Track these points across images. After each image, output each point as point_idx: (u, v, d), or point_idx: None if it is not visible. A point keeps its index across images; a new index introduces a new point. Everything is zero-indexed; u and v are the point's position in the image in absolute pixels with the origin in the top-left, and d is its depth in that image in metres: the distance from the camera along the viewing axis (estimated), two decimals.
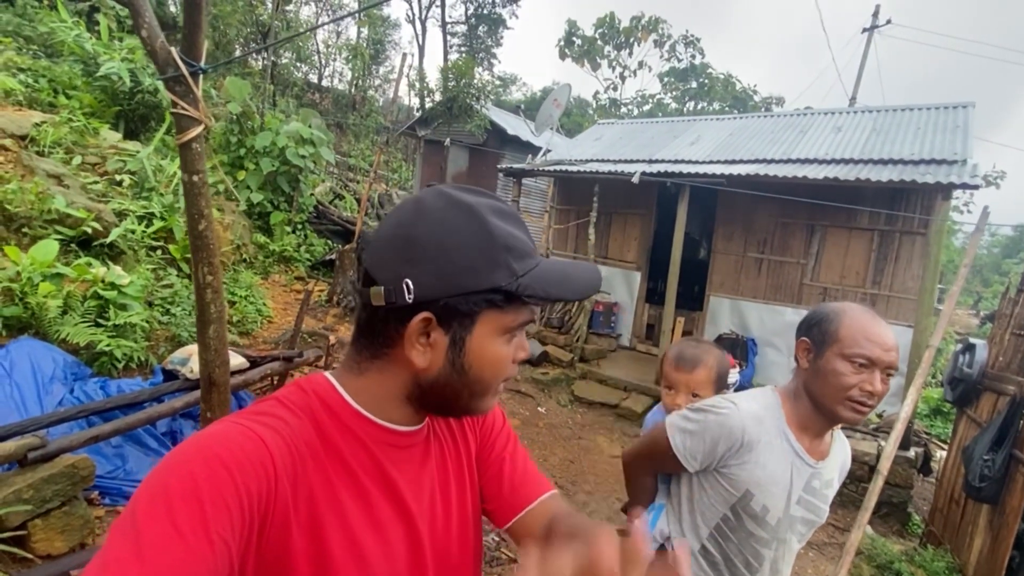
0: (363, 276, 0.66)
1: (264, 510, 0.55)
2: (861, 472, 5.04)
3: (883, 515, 4.92)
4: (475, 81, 11.65)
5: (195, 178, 1.69)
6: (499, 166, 8.27)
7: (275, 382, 4.52)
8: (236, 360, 3.94)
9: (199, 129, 1.65)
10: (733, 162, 6.73)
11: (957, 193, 5.52)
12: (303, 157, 7.74)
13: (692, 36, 19.37)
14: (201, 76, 1.62)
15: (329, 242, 8.83)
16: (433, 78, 14.44)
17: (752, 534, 1.27)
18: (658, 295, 7.73)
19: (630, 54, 19.12)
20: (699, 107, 21.47)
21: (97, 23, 8.12)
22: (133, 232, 4.86)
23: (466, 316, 0.64)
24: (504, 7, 23.60)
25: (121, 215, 5.02)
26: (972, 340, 4.00)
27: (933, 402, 8.34)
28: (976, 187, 4.91)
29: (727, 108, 20.19)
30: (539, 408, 5.97)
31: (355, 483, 0.65)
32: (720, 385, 1.57)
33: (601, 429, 5.73)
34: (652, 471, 1.44)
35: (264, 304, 6.00)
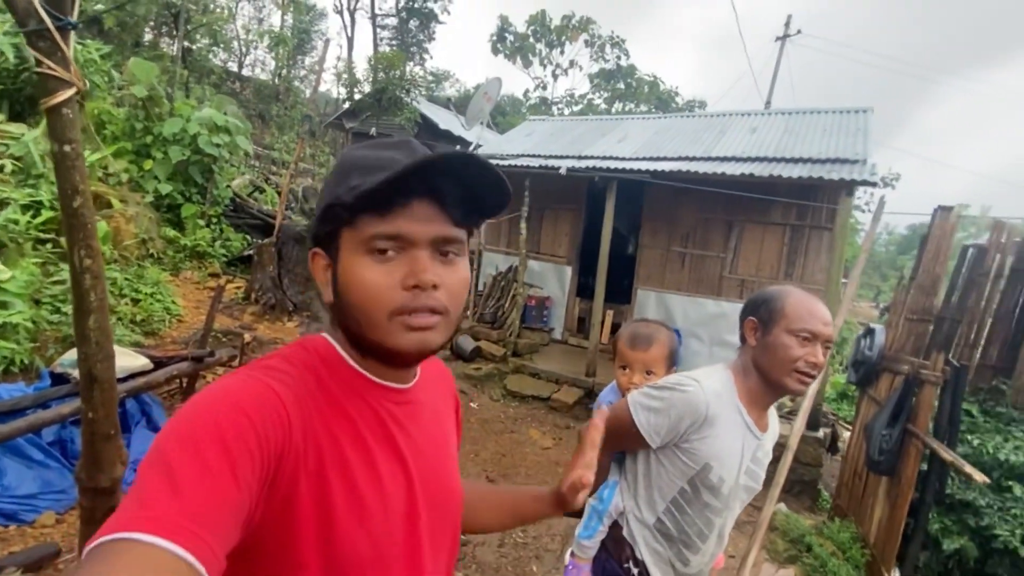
0: None
1: (279, 457, 0.57)
2: (777, 454, 5.31)
3: (796, 493, 5.22)
4: (405, 74, 11.39)
5: (67, 148, 1.51)
6: None
7: (184, 384, 4.21)
8: (138, 361, 3.63)
9: (70, 92, 1.47)
10: (658, 159, 6.93)
11: (859, 193, 5.95)
12: (218, 146, 7.28)
13: (618, 37, 19.90)
14: (72, 33, 1.45)
15: (248, 237, 8.35)
16: (361, 69, 14.02)
17: (707, 504, 1.34)
18: (589, 289, 7.84)
19: (561, 53, 19.42)
20: (626, 108, 22.08)
21: None
22: (16, 223, 4.38)
23: (331, 241, 0.67)
24: (436, 1, 23.31)
25: (1, 204, 4.51)
26: (872, 325, 4.30)
27: (839, 387, 8.97)
28: (874, 184, 5.30)
29: (652, 109, 20.89)
30: (471, 404, 5.91)
31: (357, 437, 0.66)
32: (672, 362, 1.62)
33: (533, 422, 5.75)
34: (610, 449, 1.48)
35: (173, 302, 5.58)
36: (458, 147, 8.92)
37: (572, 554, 1.59)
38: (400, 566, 0.69)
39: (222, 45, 17.28)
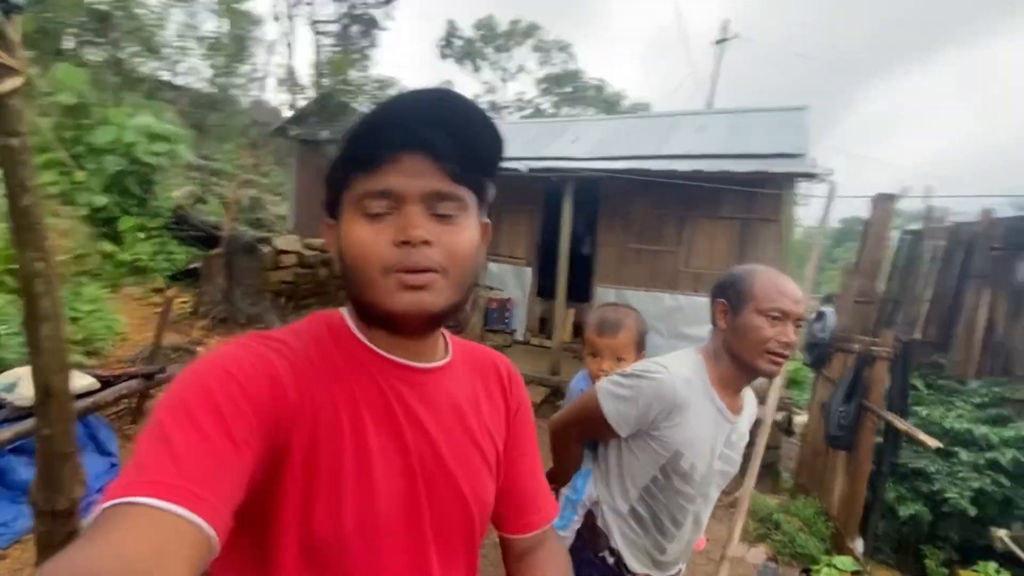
0: None
1: (275, 418, 0.57)
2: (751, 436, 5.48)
3: (758, 475, 5.39)
4: (351, 78, 11.19)
5: (14, 142, 1.40)
6: None
7: (134, 404, 3.97)
8: (84, 381, 3.40)
9: (17, 81, 1.37)
10: (611, 158, 7.07)
11: (799, 189, 6.25)
12: (156, 155, 6.93)
13: (564, 42, 20.36)
14: (18, 17, 1.35)
15: (192, 250, 7.98)
16: (305, 75, 13.67)
17: (680, 491, 1.32)
18: (549, 289, 7.90)
19: (510, 57, 19.61)
20: (574, 111, 22.49)
21: None
22: None
23: (335, 209, 0.67)
24: (378, 7, 23.03)
25: None
26: (823, 309, 4.51)
27: (788, 373, 9.38)
28: (815, 176, 5.58)
29: (599, 112, 21.39)
30: None
31: (355, 411, 0.64)
32: (641, 347, 1.61)
33: None
34: (581, 438, 1.47)
35: (114, 320, 5.26)
36: None
37: None
38: (399, 566, 0.65)
39: (154, 52, 16.52)
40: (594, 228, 7.71)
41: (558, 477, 1.52)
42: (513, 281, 7.99)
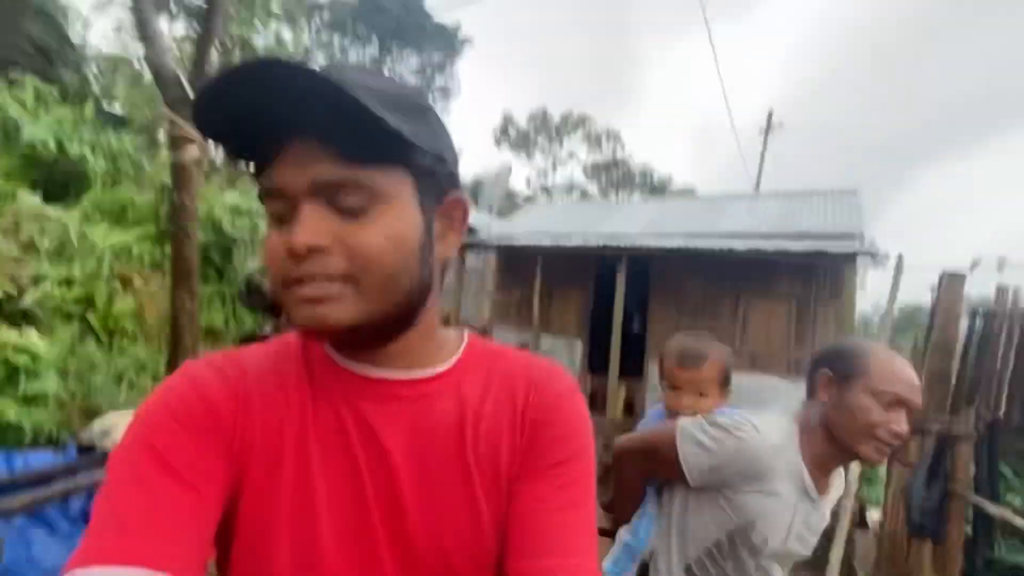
0: None
1: (224, 441, 0.54)
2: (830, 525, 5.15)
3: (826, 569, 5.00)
4: None
5: (187, 200, 1.66)
6: None
7: None
8: None
9: (196, 151, 1.64)
10: (664, 236, 7.26)
11: (858, 270, 6.22)
12: (239, 229, 7.56)
13: (613, 130, 21.52)
14: None
15: (260, 316, 8.44)
16: None
17: (744, 562, 1.21)
18: (599, 364, 7.89)
19: (560, 145, 20.83)
20: (619, 195, 23.29)
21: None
22: (51, 297, 4.47)
23: None
24: (438, 103, 25.02)
25: (38, 279, 4.63)
26: None
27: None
28: (876, 254, 5.57)
29: (645, 196, 22.11)
30: None
31: (301, 436, 0.57)
32: (726, 383, 1.47)
33: None
34: (645, 472, 1.36)
35: None
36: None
37: None
38: None
39: None
40: (646, 304, 7.78)
41: (616, 508, 1.44)
42: (564, 355, 8.03)
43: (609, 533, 1.53)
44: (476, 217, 9.40)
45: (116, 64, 13.71)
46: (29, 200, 5.82)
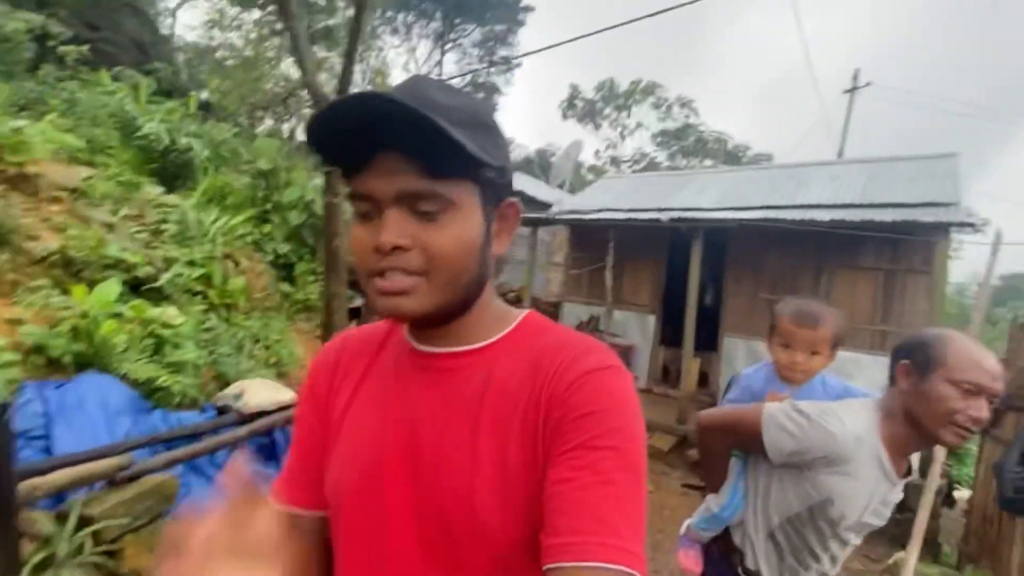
0: None
1: (327, 389, 0.78)
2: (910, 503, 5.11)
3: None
4: None
5: (335, 200, 1.94)
6: None
7: None
8: (286, 395, 4.08)
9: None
10: (741, 208, 7.12)
11: (951, 240, 5.89)
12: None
13: (685, 97, 20.77)
14: None
15: (349, 291, 9.04)
16: None
17: (821, 532, 1.33)
18: (672, 338, 7.93)
19: (628, 115, 20.37)
20: (690, 164, 22.52)
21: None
22: (181, 276, 5.07)
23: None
24: (500, 75, 24.93)
25: (168, 261, 5.24)
26: None
27: None
28: (972, 225, 5.28)
29: (719, 164, 21.27)
30: None
31: (363, 382, 0.75)
32: (837, 345, 1.54)
33: None
34: (730, 443, 1.49)
35: (294, 348, 6.14)
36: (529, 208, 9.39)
37: (687, 529, 1.61)
38: (360, 534, 0.69)
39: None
40: (721, 277, 7.71)
41: (704, 476, 1.59)
42: (636, 328, 8.13)
43: (699, 489, 1.72)
44: (548, 192, 9.52)
45: (203, 54, 14.60)
46: (151, 189, 6.50)
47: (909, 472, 1.35)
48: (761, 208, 7.04)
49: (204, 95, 12.58)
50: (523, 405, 0.64)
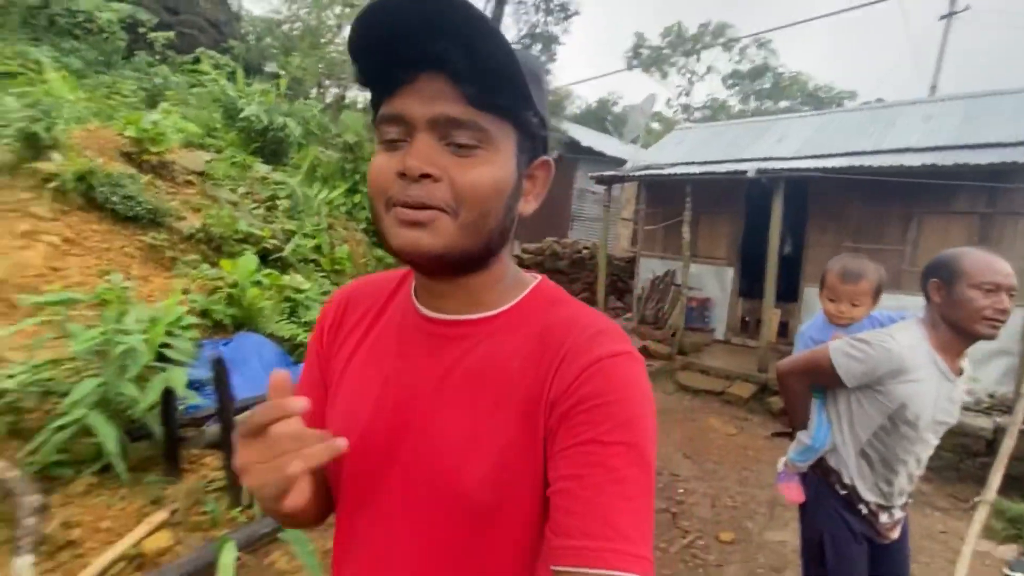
0: None
1: (333, 330, 0.78)
2: (977, 447, 5.17)
3: (1006, 487, 5.03)
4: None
5: None
6: (591, 174, 8.82)
7: None
8: None
9: None
10: (824, 156, 6.99)
11: None
12: None
13: (762, 37, 19.56)
14: None
15: None
16: None
17: (905, 436, 1.59)
18: (750, 289, 8.00)
19: (698, 60, 19.50)
20: (764, 106, 21.39)
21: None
22: (301, 247, 5.70)
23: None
24: (557, 24, 24.27)
25: (287, 233, 5.89)
26: None
27: None
28: None
29: (797, 106, 20.10)
30: None
31: (366, 335, 0.73)
32: (878, 295, 1.81)
33: (711, 413, 6.09)
34: (808, 383, 1.77)
35: None
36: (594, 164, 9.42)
37: (784, 465, 1.87)
38: (352, 488, 0.70)
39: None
40: (802, 227, 7.63)
41: (790, 416, 1.86)
42: (713, 281, 8.22)
43: (787, 435, 2.02)
44: (618, 147, 9.56)
45: (269, 27, 15.19)
46: (259, 168, 7.17)
47: (962, 372, 1.60)
48: (845, 155, 6.88)
49: (272, 68, 13.12)
50: (527, 383, 0.61)
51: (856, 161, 6.37)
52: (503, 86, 0.55)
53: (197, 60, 9.98)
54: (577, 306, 0.67)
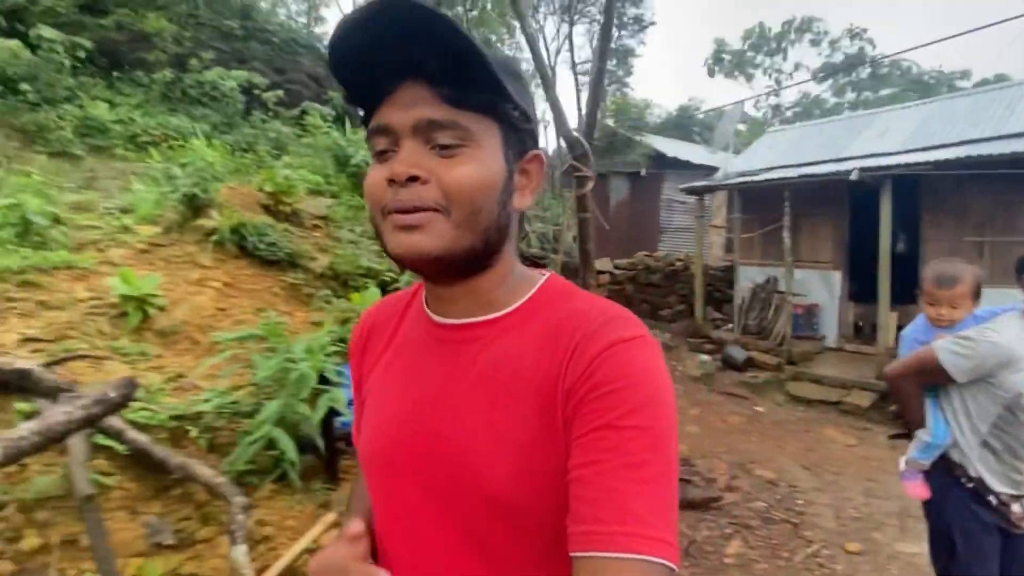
0: None
1: (360, 353, 0.81)
2: None
3: None
4: (632, 114, 12.39)
5: (586, 216, 2.57)
6: (681, 186, 8.84)
7: None
8: None
9: (590, 184, 2.54)
10: (934, 148, 6.60)
11: None
12: None
13: (857, 28, 18.41)
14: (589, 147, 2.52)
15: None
16: (575, 117, 15.67)
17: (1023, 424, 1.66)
18: (862, 293, 7.62)
19: (784, 58, 18.77)
20: (863, 97, 20.07)
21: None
22: (410, 277, 6.25)
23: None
24: (632, 36, 24.25)
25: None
26: None
27: None
28: None
29: (901, 94, 18.66)
30: (756, 408, 6.28)
31: (387, 350, 0.76)
32: (976, 297, 1.88)
33: (827, 424, 5.88)
34: (919, 383, 1.86)
35: None
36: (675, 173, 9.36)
37: (906, 463, 1.93)
38: (380, 500, 0.72)
39: None
40: (915, 223, 7.20)
41: (906, 417, 1.94)
42: (819, 286, 7.91)
43: (905, 436, 2.08)
44: (707, 155, 9.49)
45: None
46: None
47: None
48: (960, 144, 6.46)
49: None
50: (540, 378, 0.61)
51: (973, 150, 5.99)
52: (477, 83, 0.57)
53: (303, 113, 11.11)
54: (587, 297, 0.67)
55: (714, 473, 4.35)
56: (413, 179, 0.57)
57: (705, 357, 7.63)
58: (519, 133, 0.64)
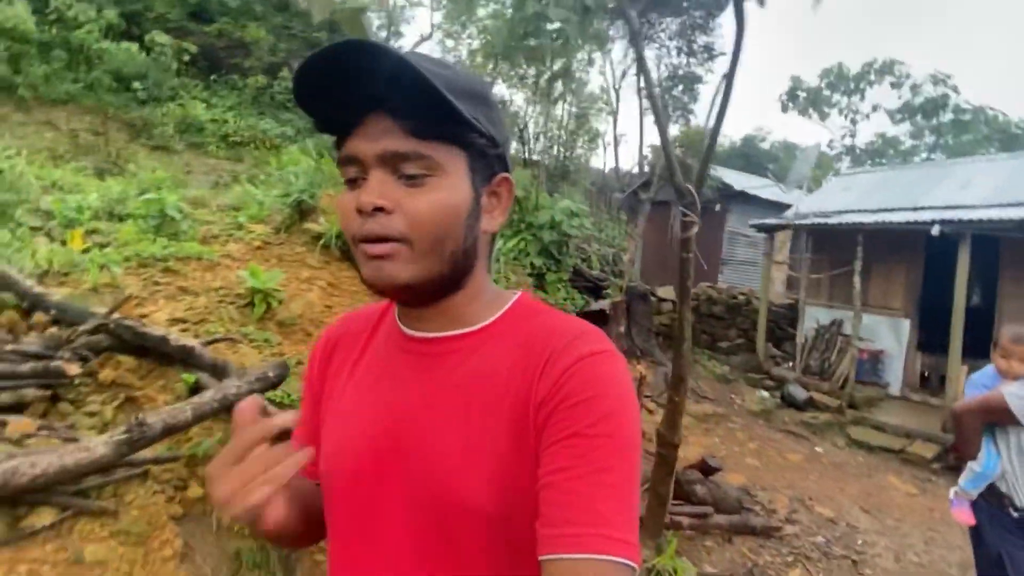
0: None
1: (320, 374, 0.80)
2: None
3: None
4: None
5: (689, 256, 2.86)
6: (751, 222, 8.96)
7: None
8: None
9: (695, 228, 2.84)
10: (1020, 204, 6.54)
11: None
12: (574, 228, 9.37)
13: (941, 74, 17.90)
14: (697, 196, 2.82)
15: (583, 295, 10.28)
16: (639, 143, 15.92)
17: None
18: (932, 344, 7.53)
19: (862, 99, 18.45)
20: (940, 142, 19.43)
21: None
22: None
23: None
24: (701, 64, 24.19)
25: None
26: None
27: None
28: None
29: (983, 140, 17.95)
30: (816, 448, 6.33)
31: (357, 365, 0.75)
32: None
33: (888, 471, 5.89)
34: (982, 421, 2.12)
35: None
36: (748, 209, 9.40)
37: (955, 493, 2.21)
38: (347, 515, 0.70)
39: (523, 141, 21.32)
40: (993, 276, 7.10)
41: (960, 450, 2.23)
42: (887, 333, 7.85)
43: (954, 468, 2.40)
44: (775, 191, 9.57)
45: None
46: None
47: None
48: None
49: None
50: (514, 391, 0.63)
51: None
52: (439, 116, 0.58)
53: None
54: (558, 315, 0.70)
55: (774, 505, 4.50)
56: (379, 209, 0.59)
57: (764, 393, 7.69)
58: (486, 158, 0.66)
